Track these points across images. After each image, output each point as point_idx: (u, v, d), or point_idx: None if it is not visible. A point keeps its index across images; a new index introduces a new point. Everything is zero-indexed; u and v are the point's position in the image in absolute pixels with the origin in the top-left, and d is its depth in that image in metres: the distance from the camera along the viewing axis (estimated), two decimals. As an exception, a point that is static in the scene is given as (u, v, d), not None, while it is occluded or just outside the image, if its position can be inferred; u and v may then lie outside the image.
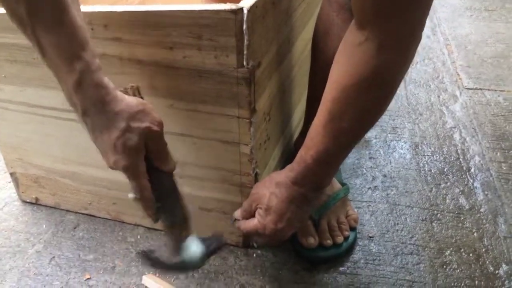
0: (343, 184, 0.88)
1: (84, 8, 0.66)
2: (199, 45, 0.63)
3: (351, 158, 1.05)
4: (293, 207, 0.66)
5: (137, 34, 0.65)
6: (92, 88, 0.53)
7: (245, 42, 0.61)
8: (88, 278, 0.79)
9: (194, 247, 0.65)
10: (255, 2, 0.62)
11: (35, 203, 0.96)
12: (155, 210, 0.61)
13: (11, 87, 0.80)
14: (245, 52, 0.62)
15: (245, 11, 0.60)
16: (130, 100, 0.57)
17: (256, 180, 0.75)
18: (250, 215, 0.71)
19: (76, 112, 0.56)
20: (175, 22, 0.63)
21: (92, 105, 0.54)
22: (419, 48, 1.52)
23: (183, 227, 0.65)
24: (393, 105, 1.25)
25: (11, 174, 0.94)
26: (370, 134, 1.14)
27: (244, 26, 0.60)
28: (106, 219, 0.91)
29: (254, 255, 0.82)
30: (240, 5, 0.60)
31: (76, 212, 0.93)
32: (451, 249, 0.83)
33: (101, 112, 0.54)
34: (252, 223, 0.70)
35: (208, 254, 0.66)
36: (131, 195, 0.60)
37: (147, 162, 0.59)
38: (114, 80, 0.70)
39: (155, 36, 0.65)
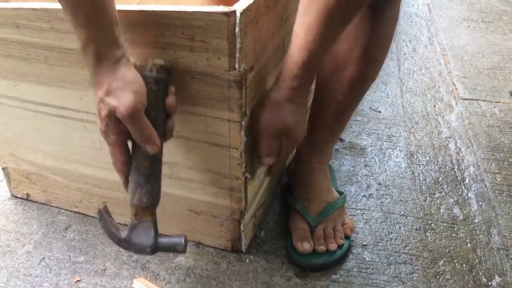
0: (340, 193, 0.88)
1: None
2: (192, 46, 0.63)
3: (346, 166, 1.05)
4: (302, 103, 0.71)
5: (131, 33, 0.65)
6: (89, 56, 0.60)
7: (238, 45, 0.61)
8: (78, 280, 0.78)
9: (145, 234, 0.65)
10: (249, 5, 0.62)
11: (26, 199, 0.95)
12: (124, 178, 0.65)
13: (5, 82, 0.80)
14: (237, 55, 0.62)
15: (238, 14, 0.59)
16: (119, 75, 0.60)
17: (245, 184, 0.75)
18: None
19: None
20: (168, 22, 0.62)
21: (88, 65, 0.61)
22: (416, 58, 1.53)
23: (145, 210, 0.65)
24: (389, 113, 1.26)
25: (3, 169, 0.93)
26: (366, 142, 1.14)
27: (237, 29, 0.60)
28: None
29: (247, 260, 0.81)
30: (232, 7, 0.60)
31: (67, 210, 0.92)
32: (445, 259, 0.82)
33: (91, 74, 0.61)
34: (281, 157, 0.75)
35: (157, 248, 0.66)
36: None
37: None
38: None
39: (148, 36, 0.65)
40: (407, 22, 1.84)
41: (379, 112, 1.26)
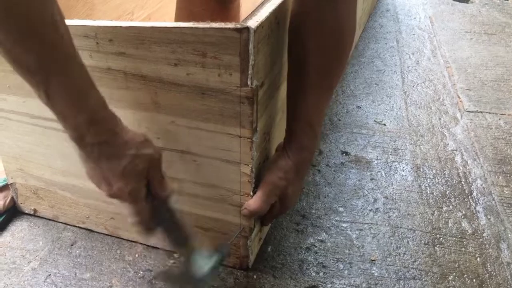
0: None
1: (90, 22, 0.66)
2: (203, 63, 0.63)
3: (352, 179, 1.05)
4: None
5: (142, 49, 0.65)
6: (106, 122, 0.57)
7: (251, 62, 0.61)
8: (84, 298, 0.77)
9: (199, 262, 0.68)
10: (261, 22, 0.62)
11: (33, 214, 0.94)
12: (152, 231, 0.66)
13: (14, 98, 0.80)
14: (249, 72, 0.62)
15: (252, 31, 0.60)
16: (134, 131, 0.62)
17: None
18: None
19: (79, 143, 0.58)
20: (180, 38, 0.63)
21: (105, 136, 0.57)
22: (420, 70, 1.54)
23: (186, 245, 0.69)
24: (394, 126, 1.25)
25: (11, 184, 0.93)
26: (372, 155, 1.13)
27: (250, 46, 0.60)
28: (104, 234, 0.89)
29: (254, 276, 0.81)
30: (245, 24, 0.60)
31: (74, 226, 0.91)
32: (454, 274, 0.81)
33: (111, 142, 0.58)
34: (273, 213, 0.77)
35: (213, 266, 0.69)
36: (131, 219, 0.64)
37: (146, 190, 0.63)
38: (118, 95, 0.71)
39: (160, 52, 0.65)
40: (410, 35, 1.85)
41: (384, 125, 1.26)
